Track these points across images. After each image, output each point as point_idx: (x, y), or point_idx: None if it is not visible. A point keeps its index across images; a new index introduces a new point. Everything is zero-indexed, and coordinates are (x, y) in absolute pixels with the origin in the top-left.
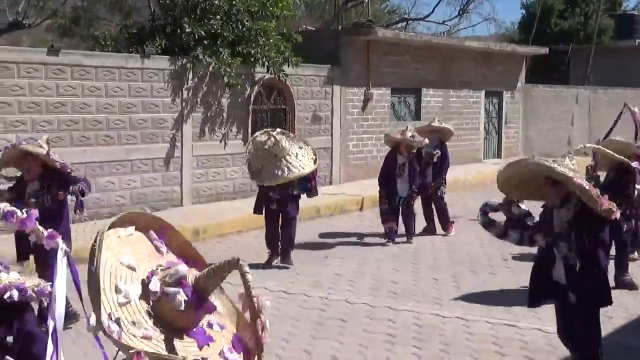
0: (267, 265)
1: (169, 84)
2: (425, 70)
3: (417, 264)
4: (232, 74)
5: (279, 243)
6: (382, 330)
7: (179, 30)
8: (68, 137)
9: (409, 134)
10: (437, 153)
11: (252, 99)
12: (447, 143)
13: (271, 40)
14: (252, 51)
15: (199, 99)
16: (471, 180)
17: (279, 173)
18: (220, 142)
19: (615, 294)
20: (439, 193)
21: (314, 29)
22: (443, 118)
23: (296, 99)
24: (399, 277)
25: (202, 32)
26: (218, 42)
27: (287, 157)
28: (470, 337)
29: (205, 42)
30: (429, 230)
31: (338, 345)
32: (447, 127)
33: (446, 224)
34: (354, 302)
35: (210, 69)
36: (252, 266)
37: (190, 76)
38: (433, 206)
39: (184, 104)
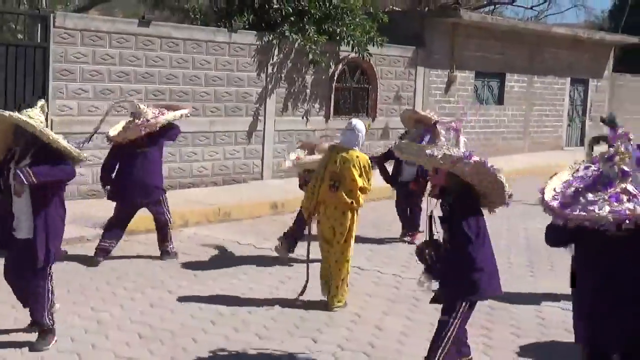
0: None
1: (255, 59)
2: (510, 55)
3: None
4: (317, 51)
5: None
6: None
7: (266, 6)
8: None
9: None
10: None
11: (335, 77)
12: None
13: (357, 20)
14: (338, 29)
15: (283, 75)
16: (552, 168)
17: None
18: (303, 118)
19: None
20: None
21: (400, 9)
22: (527, 104)
23: (379, 78)
24: None
25: (289, 8)
26: (305, 20)
27: None
28: (541, 321)
29: (292, 18)
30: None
31: (408, 322)
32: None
33: (414, 230)
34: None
35: (296, 45)
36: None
37: (276, 52)
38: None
39: (268, 79)
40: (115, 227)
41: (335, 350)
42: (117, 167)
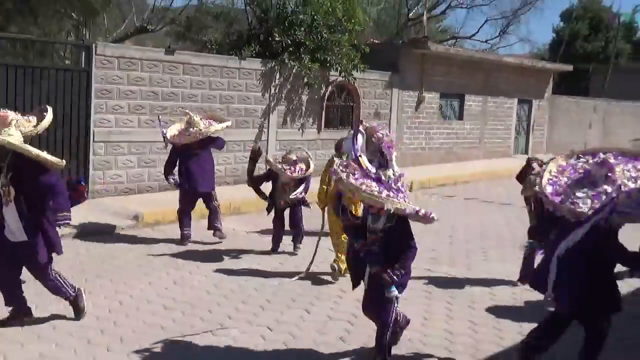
0: None
1: (260, 82)
2: (468, 79)
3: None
4: (311, 75)
5: None
6: (420, 287)
7: (270, 39)
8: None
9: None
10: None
11: (326, 97)
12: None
13: (344, 50)
14: (328, 58)
15: (283, 95)
16: (502, 171)
17: None
18: (299, 130)
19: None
20: None
21: (379, 42)
22: (482, 119)
23: (362, 98)
24: (436, 247)
25: (288, 40)
26: (301, 50)
27: None
28: (492, 297)
29: (291, 49)
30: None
31: None
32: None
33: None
34: None
35: (294, 71)
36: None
37: (277, 76)
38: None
39: (271, 98)
40: (185, 215)
41: (325, 320)
42: (177, 163)
